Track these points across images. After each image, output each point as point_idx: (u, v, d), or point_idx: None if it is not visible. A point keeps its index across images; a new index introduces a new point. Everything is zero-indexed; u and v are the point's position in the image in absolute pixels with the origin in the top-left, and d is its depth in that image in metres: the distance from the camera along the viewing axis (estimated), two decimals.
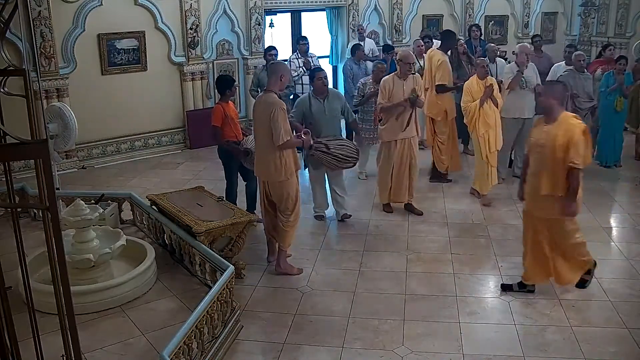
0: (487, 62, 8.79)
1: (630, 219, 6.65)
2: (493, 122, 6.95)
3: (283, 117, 5.03)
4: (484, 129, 6.93)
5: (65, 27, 8.53)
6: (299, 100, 6.43)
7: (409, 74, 6.51)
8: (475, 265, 5.59)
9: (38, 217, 6.28)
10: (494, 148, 7.03)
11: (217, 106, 6.29)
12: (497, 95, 7.00)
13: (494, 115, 6.97)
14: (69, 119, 6.44)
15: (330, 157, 5.96)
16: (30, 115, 2.62)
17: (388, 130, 6.62)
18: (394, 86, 6.47)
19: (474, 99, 6.93)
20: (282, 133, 5.00)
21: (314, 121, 6.19)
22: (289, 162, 5.18)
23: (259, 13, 10.25)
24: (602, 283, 5.15)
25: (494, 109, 6.97)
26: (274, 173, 5.17)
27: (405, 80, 6.48)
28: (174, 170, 8.80)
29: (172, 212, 5.59)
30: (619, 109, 8.23)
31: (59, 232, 2.24)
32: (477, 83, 7.00)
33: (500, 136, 7.10)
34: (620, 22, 13.62)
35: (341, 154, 6.02)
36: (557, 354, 4.19)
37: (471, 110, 6.94)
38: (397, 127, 6.53)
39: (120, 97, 9.11)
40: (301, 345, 4.33)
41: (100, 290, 4.82)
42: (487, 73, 7.12)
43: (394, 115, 6.49)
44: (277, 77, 5.17)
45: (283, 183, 5.21)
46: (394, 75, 6.59)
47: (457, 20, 13.01)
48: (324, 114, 6.27)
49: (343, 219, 6.63)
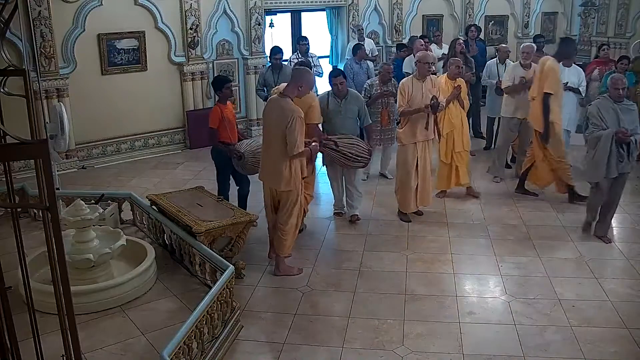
0: (496, 62, 8.84)
1: (630, 219, 6.65)
2: (459, 123, 6.99)
3: (300, 127, 4.90)
4: (448, 128, 6.95)
5: (65, 27, 8.53)
6: (319, 98, 6.25)
7: (428, 74, 6.34)
8: (475, 265, 5.59)
9: (38, 217, 6.28)
10: (459, 148, 7.06)
11: (215, 108, 6.26)
12: (464, 97, 7.03)
13: (460, 115, 7.02)
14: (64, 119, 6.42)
15: (339, 154, 5.91)
16: (30, 115, 2.62)
17: (408, 132, 6.40)
18: (413, 89, 6.27)
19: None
20: (297, 144, 4.89)
21: (328, 119, 6.23)
22: (297, 171, 5.11)
23: (259, 13, 10.25)
24: (602, 283, 5.15)
25: (460, 109, 7.01)
26: (283, 182, 5.08)
27: (424, 82, 6.30)
28: (173, 170, 8.80)
29: (172, 212, 5.59)
30: None
31: (59, 232, 2.24)
32: (446, 82, 6.98)
33: (467, 137, 7.15)
34: (620, 22, 13.62)
35: (350, 152, 5.93)
36: (557, 354, 4.19)
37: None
38: (417, 129, 6.34)
39: (120, 97, 9.11)
40: (301, 345, 4.33)
41: (100, 290, 4.82)
42: (459, 74, 7.06)
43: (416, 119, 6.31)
44: (296, 85, 5.05)
45: (289, 192, 5.18)
46: (412, 77, 6.44)
47: (457, 20, 13.01)
48: (339, 114, 6.26)
49: (351, 220, 6.56)
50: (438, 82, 6.55)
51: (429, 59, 6.37)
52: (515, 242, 6.04)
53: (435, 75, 6.69)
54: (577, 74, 8.20)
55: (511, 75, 7.57)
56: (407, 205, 6.60)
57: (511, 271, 5.40)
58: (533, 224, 6.47)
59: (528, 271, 5.41)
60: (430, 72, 6.39)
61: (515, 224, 6.51)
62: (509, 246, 5.94)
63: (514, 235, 6.22)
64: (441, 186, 7.29)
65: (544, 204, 7.07)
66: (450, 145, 7.03)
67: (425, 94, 6.26)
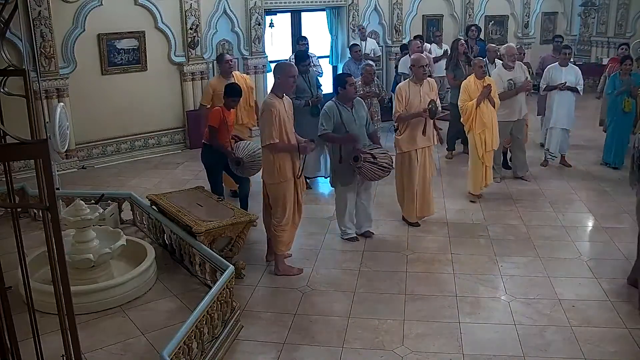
0: (486, 62, 8.82)
1: (630, 219, 6.63)
2: (490, 122, 6.95)
3: (268, 119, 5.01)
4: (480, 128, 6.93)
5: (65, 27, 8.53)
6: (328, 110, 5.78)
7: (424, 78, 6.19)
8: (475, 265, 5.59)
9: (38, 217, 6.27)
10: (490, 147, 7.04)
11: (218, 109, 6.29)
12: (494, 95, 6.99)
13: (491, 115, 6.97)
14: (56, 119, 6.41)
15: (376, 167, 5.67)
16: (30, 115, 2.62)
17: (406, 139, 6.20)
18: (410, 93, 6.12)
19: (471, 98, 6.93)
20: (266, 135, 5.02)
21: (348, 131, 5.72)
22: (283, 166, 5.16)
23: (259, 13, 10.25)
24: (602, 283, 5.15)
25: (491, 108, 6.97)
26: (268, 174, 5.21)
27: (421, 86, 6.16)
28: (174, 170, 8.80)
29: (172, 212, 5.59)
30: (627, 110, 8.17)
31: (59, 232, 2.24)
32: (474, 82, 7.00)
33: (497, 136, 7.11)
34: (620, 22, 13.63)
35: (386, 162, 5.75)
36: (557, 354, 4.19)
37: (468, 110, 6.95)
38: (417, 135, 6.15)
39: (120, 97, 9.11)
40: (301, 345, 4.33)
41: (100, 290, 4.81)
42: (485, 73, 7.12)
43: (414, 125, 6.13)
44: (277, 78, 5.14)
45: (277, 186, 5.23)
46: (409, 81, 6.31)
47: (457, 20, 13.02)
48: (354, 123, 5.79)
49: (366, 235, 6.17)
50: (435, 85, 6.51)
51: (423, 62, 6.17)
52: (515, 242, 6.04)
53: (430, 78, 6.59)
54: (574, 74, 8.19)
55: (499, 80, 7.48)
56: (411, 214, 6.44)
57: (511, 271, 5.40)
58: (533, 224, 6.47)
59: (528, 271, 5.41)
60: (426, 75, 6.23)
61: (515, 224, 6.51)
62: (509, 246, 5.94)
63: (514, 235, 6.22)
64: (477, 189, 7.16)
65: (544, 204, 7.07)
66: (483, 145, 6.97)
67: (423, 97, 6.12)
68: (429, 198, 6.49)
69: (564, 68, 8.23)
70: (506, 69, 7.55)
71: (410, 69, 6.55)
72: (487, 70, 7.45)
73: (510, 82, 7.45)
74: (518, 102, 7.53)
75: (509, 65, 7.53)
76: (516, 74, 7.52)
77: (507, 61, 7.58)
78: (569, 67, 8.26)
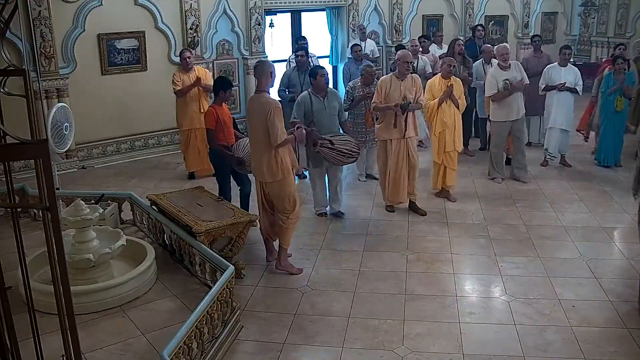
0: (482, 62, 8.83)
1: (630, 219, 6.64)
2: (451, 122, 6.97)
3: (279, 117, 5.08)
4: (440, 127, 6.96)
5: (65, 27, 8.53)
6: (300, 99, 6.42)
7: (407, 73, 6.48)
8: (475, 265, 5.59)
9: (38, 217, 6.28)
10: (450, 148, 7.04)
11: (210, 109, 6.27)
12: (459, 96, 7.01)
13: (454, 115, 6.99)
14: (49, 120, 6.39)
15: (335, 152, 6.06)
16: (30, 115, 2.62)
17: (383, 129, 6.61)
18: (391, 86, 6.43)
19: (434, 97, 6.94)
20: (279, 133, 5.04)
21: (315, 119, 6.28)
22: (285, 160, 5.20)
23: (259, 13, 10.25)
24: (602, 283, 5.15)
25: (454, 109, 6.98)
26: (271, 173, 5.18)
27: (403, 81, 6.44)
28: (174, 170, 8.80)
29: (172, 212, 5.59)
30: (619, 109, 8.20)
31: (59, 232, 2.24)
32: (439, 82, 7.01)
33: (459, 138, 7.12)
34: (620, 22, 13.63)
35: (345, 149, 6.11)
36: (557, 354, 4.19)
37: (430, 109, 6.98)
38: (390, 127, 6.52)
39: (120, 97, 9.11)
40: (301, 345, 4.33)
41: (100, 290, 4.81)
42: (451, 73, 7.07)
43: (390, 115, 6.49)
44: (266, 76, 5.18)
45: (281, 182, 5.22)
46: (392, 75, 6.57)
47: (457, 21, 13.02)
48: (325, 112, 6.35)
49: (337, 215, 6.74)
50: (419, 81, 6.61)
51: (408, 58, 6.45)
52: (515, 242, 6.04)
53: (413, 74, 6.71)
54: (573, 74, 8.19)
55: (493, 80, 7.49)
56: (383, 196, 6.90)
57: (511, 271, 5.40)
58: (533, 224, 6.47)
59: (528, 271, 5.41)
60: (409, 71, 6.50)
61: (515, 224, 6.51)
62: (509, 246, 5.94)
63: (514, 235, 6.22)
64: (436, 185, 7.32)
65: (544, 204, 7.08)
66: (442, 144, 7.02)
67: (403, 92, 6.39)
68: (400, 187, 6.71)
69: (563, 68, 8.23)
70: (502, 69, 7.55)
71: (395, 62, 6.68)
72: (456, 70, 7.48)
73: (506, 82, 7.43)
74: (515, 102, 7.52)
75: (503, 65, 7.53)
76: (512, 74, 7.50)
77: (499, 61, 7.60)
78: (568, 68, 8.26)
